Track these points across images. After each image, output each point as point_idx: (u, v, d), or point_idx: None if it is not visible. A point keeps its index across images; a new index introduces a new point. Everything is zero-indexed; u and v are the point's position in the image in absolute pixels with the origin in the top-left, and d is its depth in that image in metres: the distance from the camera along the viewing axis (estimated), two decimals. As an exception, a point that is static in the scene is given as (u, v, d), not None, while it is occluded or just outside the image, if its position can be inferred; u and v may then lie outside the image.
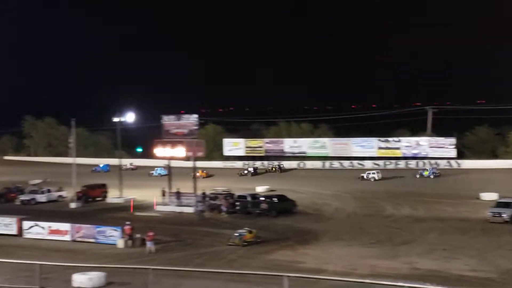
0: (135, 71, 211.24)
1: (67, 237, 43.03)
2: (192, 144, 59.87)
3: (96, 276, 26.09)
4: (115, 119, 69.56)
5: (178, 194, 58.50)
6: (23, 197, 66.02)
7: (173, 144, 59.42)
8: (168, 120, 61.47)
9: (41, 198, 65.69)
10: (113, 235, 41.20)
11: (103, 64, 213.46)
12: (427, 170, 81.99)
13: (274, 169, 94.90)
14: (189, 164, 64.17)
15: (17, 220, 45.35)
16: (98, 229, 42.26)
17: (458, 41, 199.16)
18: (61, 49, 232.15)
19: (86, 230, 42.69)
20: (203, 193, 58.18)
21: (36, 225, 44.62)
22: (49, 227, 44.09)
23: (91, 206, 62.70)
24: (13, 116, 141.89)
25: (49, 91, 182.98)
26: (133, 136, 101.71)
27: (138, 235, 40.61)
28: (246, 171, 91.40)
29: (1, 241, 43.18)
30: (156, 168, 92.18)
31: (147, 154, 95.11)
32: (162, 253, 37.89)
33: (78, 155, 71.76)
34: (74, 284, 25.91)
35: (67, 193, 67.42)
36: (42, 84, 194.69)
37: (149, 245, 38.69)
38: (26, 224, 44.92)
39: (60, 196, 67.52)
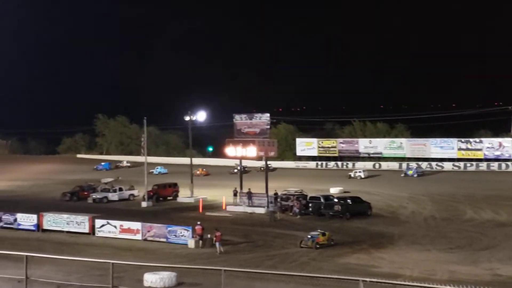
0: (206, 69, 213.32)
1: (138, 236, 43.70)
2: (264, 144, 60.02)
3: (167, 276, 26.45)
4: (186, 118, 70.51)
5: (250, 195, 58.73)
6: (95, 196, 67.66)
7: (245, 143, 59.73)
8: (239, 119, 61.83)
9: (113, 196, 67.15)
10: (184, 235, 41.67)
11: (174, 62, 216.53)
12: (411, 169, 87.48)
13: (262, 169, 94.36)
14: (260, 163, 64.42)
15: (89, 219, 46.37)
16: (169, 228, 42.82)
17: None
18: (131, 49, 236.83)
19: (157, 230, 43.31)
20: (275, 194, 58.26)
21: (108, 223, 45.49)
22: (121, 225, 44.90)
23: (162, 205, 63.69)
24: (86, 115, 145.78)
25: (121, 90, 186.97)
26: (204, 135, 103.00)
27: (208, 236, 40.95)
28: (235, 170, 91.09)
29: (74, 239, 44.34)
30: (156, 167, 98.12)
31: (218, 154, 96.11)
32: (234, 254, 38.08)
33: (149, 154, 73.21)
34: (146, 283, 26.38)
35: (138, 192, 68.74)
36: (115, 82, 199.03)
37: (217, 245, 39.03)
38: (98, 222, 45.87)
39: (131, 194, 68.88)
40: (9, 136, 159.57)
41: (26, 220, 48.76)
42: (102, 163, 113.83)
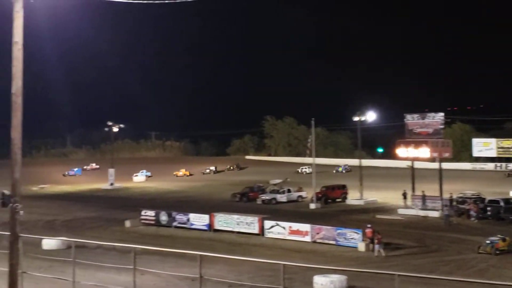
0: (373, 68, 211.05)
1: (307, 238, 43.93)
2: (438, 145, 58.41)
3: (338, 279, 26.42)
4: (355, 119, 70.25)
5: (423, 198, 57.31)
6: (264, 197, 69.10)
7: (417, 144, 58.47)
8: (411, 119, 60.60)
9: (282, 198, 68.23)
10: (354, 238, 41.41)
11: (342, 63, 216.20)
12: (340, 166, 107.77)
13: (232, 167, 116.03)
14: (429, 165, 62.69)
15: (258, 220, 47.35)
16: (338, 231, 42.72)
17: None
18: (295, 50, 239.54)
19: (326, 232, 43.37)
20: (450, 197, 56.48)
21: (277, 224, 46.16)
22: (290, 227, 45.39)
23: (331, 207, 63.80)
24: (255, 116, 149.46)
25: (289, 91, 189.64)
26: (373, 136, 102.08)
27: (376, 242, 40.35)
28: (208, 170, 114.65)
29: (244, 240, 45.45)
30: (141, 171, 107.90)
31: (389, 155, 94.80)
32: (406, 259, 37.36)
33: (317, 155, 73.62)
34: (316, 286, 26.52)
35: (307, 193, 69.36)
36: (282, 84, 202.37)
37: (377, 248, 38.50)
38: (267, 223, 46.66)
39: (299, 196, 69.64)
40: (182, 138, 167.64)
41: (198, 220, 50.70)
42: (75, 169, 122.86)
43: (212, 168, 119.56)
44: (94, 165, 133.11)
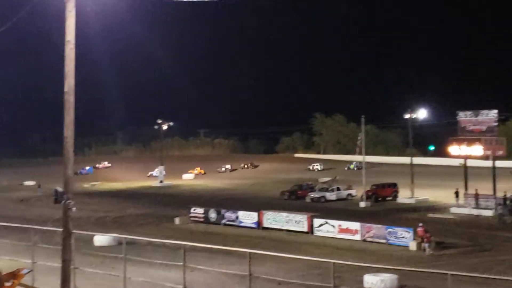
0: (424, 65, 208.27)
1: (356, 237, 43.68)
2: (491, 142, 57.41)
3: (389, 278, 26.21)
4: (406, 116, 69.58)
5: (476, 196, 56.40)
6: (313, 195, 68.93)
7: (470, 142, 57.58)
8: (464, 117, 59.62)
9: (331, 196, 67.97)
10: (405, 237, 40.99)
11: (391, 60, 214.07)
12: (352, 164, 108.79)
13: (246, 166, 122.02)
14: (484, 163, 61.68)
15: (307, 218, 47.24)
16: (389, 229, 42.33)
17: None
18: (346, 49, 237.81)
19: (376, 230, 43.04)
20: (504, 196, 55.46)
21: (326, 223, 45.97)
22: (339, 225, 45.20)
23: (381, 205, 63.28)
24: (304, 114, 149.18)
25: (339, 88, 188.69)
26: (425, 133, 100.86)
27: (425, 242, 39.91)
28: (223, 169, 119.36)
29: (293, 238, 45.36)
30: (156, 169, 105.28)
31: (440, 153, 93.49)
32: (459, 258, 36.84)
33: (367, 153, 73.14)
34: (366, 285, 26.36)
35: (356, 191, 68.96)
36: (332, 81, 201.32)
37: (426, 246, 38.11)
38: (317, 221, 46.51)
39: (349, 194, 69.34)
40: (231, 136, 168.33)
41: (247, 217, 50.83)
42: (86, 167, 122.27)
43: (228, 166, 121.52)
44: (106, 163, 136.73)
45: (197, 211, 54.29)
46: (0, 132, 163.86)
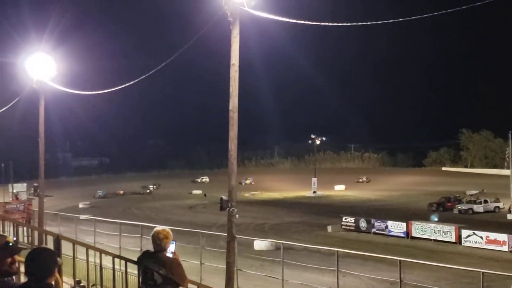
0: None
1: (504, 248, 41.80)
2: None
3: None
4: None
5: None
6: (460, 207, 66.63)
7: None
8: None
9: (478, 208, 65.34)
10: (555, 250, 38.48)
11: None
12: None
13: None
14: None
15: (455, 228, 45.81)
16: (540, 242, 39.97)
17: None
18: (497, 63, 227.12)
19: (527, 243, 40.77)
20: None
21: (474, 234, 44.37)
22: (487, 236, 43.45)
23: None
24: (451, 129, 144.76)
25: (485, 103, 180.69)
26: None
27: None
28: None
29: (441, 248, 44.02)
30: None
31: None
32: None
33: (515, 167, 69.68)
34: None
35: (504, 204, 65.77)
36: (478, 96, 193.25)
37: None
38: (464, 232, 45.00)
39: (497, 207, 66.31)
40: (380, 150, 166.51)
41: (396, 227, 49.89)
42: (99, 191, 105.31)
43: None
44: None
45: (348, 220, 53.96)
46: (171, 147, 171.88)
